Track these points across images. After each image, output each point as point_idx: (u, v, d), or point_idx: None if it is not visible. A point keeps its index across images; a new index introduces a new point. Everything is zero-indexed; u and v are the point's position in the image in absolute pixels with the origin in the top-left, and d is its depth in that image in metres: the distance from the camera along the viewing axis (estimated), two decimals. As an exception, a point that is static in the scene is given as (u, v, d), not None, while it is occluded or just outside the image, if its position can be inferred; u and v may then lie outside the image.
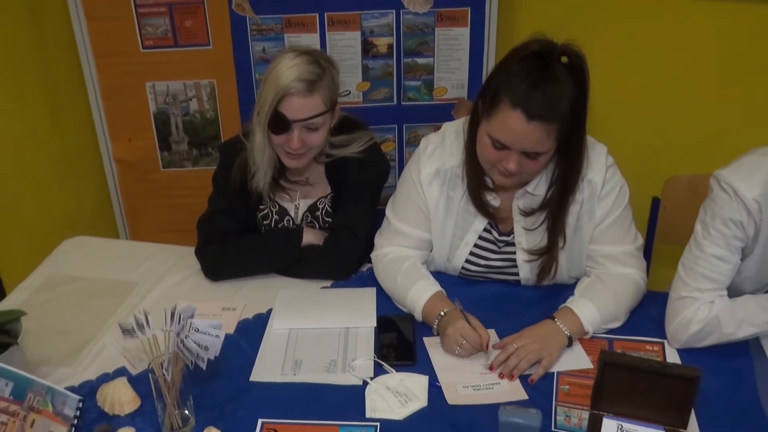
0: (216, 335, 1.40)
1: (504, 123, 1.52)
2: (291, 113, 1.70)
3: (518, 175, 1.59)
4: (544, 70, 1.50)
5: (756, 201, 1.54)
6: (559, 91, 1.50)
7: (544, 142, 1.52)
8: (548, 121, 1.49)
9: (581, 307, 1.65)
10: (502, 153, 1.56)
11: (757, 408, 1.48)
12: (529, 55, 1.52)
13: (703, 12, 2.39)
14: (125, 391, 1.49)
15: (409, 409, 1.48)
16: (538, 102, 1.47)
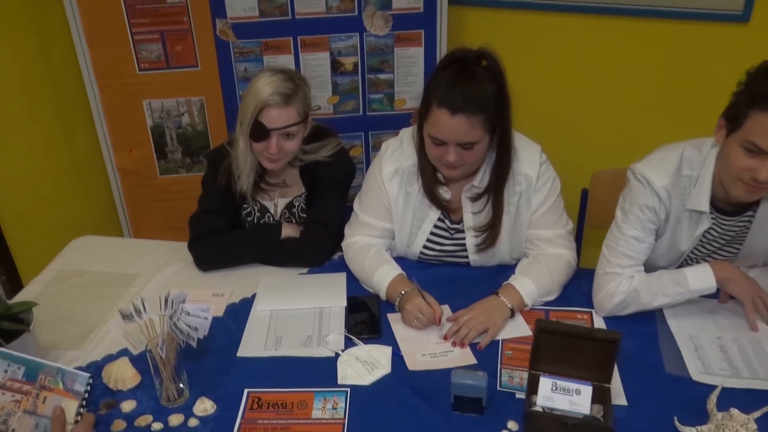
0: (205, 317, 1.39)
1: (435, 121, 1.53)
2: (270, 122, 1.69)
3: (461, 167, 1.60)
4: (463, 72, 1.53)
5: (665, 189, 1.56)
6: (477, 88, 1.51)
7: (471, 133, 1.53)
8: (471, 113, 1.50)
9: (521, 284, 1.65)
10: (442, 148, 1.57)
11: (661, 363, 1.51)
12: (450, 63, 1.56)
13: (617, 29, 2.41)
14: (127, 369, 1.47)
15: (375, 375, 1.47)
16: (458, 98, 1.49)
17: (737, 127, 1.41)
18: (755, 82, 1.38)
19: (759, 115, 1.36)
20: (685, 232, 1.62)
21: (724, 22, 2.28)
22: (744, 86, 1.42)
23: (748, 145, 1.39)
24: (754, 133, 1.37)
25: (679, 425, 1.33)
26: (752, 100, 1.36)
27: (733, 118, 1.41)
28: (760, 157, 1.38)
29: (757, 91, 1.36)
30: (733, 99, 1.43)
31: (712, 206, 1.57)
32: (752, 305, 1.56)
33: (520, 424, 1.34)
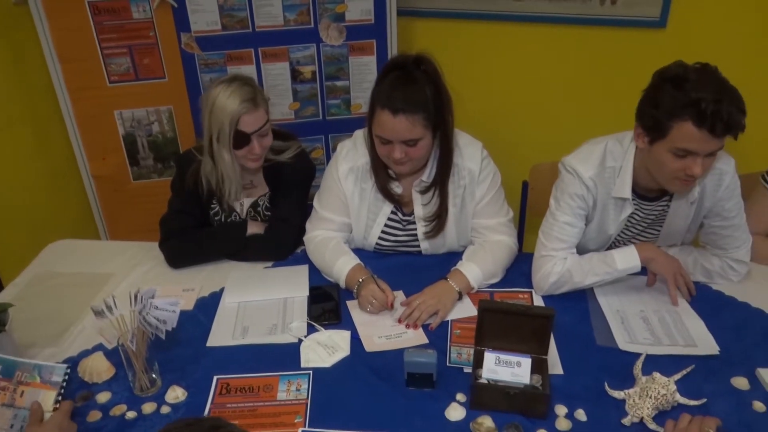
0: (173, 311, 1.37)
1: (380, 122, 1.54)
2: (248, 128, 1.68)
3: (409, 162, 1.61)
4: (403, 76, 1.54)
5: (591, 179, 1.60)
6: (416, 90, 1.53)
7: (413, 131, 1.54)
8: (411, 113, 1.51)
9: (468, 269, 1.67)
10: (388, 147, 1.58)
11: (592, 335, 1.54)
12: (391, 69, 1.57)
13: (549, 36, 2.45)
14: (101, 363, 1.44)
15: (336, 357, 1.47)
16: (399, 100, 1.51)
17: (662, 137, 1.44)
18: (668, 96, 1.40)
19: (681, 125, 1.39)
20: (612, 217, 1.66)
21: (644, 28, 2.33)
22: (654, 98, 1.44)
23: (677, 151, 1.43)
24: (681, 141, 1.41)
25: (609, 390, 1.37)
26: (671, 113, 1.40)
27: (655, 129, 1.44)
28: (690, 157, 1.43)
29: (673, 104, 1.39)
30: (649, 110, 1.45)
31: (633, 193, 1.61)
32: (674, 281, 1.60)
33: (467, 396, 1.36)
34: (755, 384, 1.38)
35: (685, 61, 1.45)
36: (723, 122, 1.35)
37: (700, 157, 1.41)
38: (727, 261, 1.66)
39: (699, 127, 1.36)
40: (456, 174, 1.70)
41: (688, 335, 1.51)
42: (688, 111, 1.37)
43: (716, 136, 1.37)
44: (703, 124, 1.35)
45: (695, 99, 1.35)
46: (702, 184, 1.57)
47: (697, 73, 1.40)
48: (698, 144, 1.39)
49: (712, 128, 1.35)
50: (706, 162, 1.43)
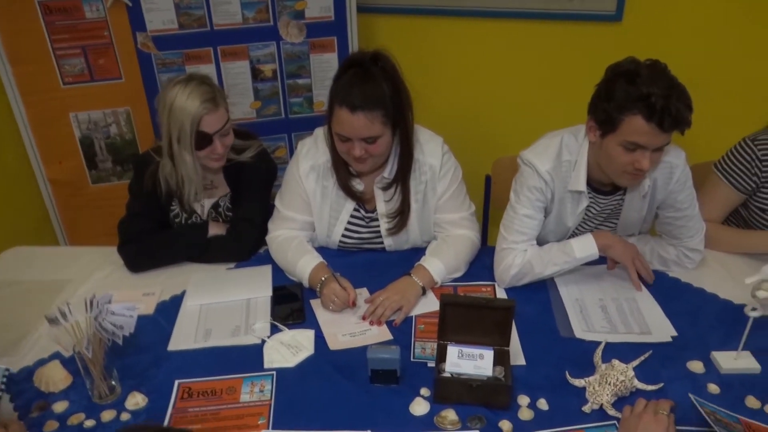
0: (130, 315, 1.34)
1: (338, 120, 1.54)
2: (210, 128, 1.66)
3: (369, 159, 1.61)
4: (360, 73, 1.54)
5: (548, 173, 1.62)
6: (374, 87, 1.53)
7: (372, 128, 1.54)
8: (369, 110, 1.51)
9: (431, 264, 1.68)
10: (348, 144, 1.57)
11: (554, 325, 1.56)
12: (349, 66, 1.57)
13: (509, 31, 2.48)
14: (58, 371, 1.40)
15: (299, 357, 1.47)
16: (357, 96, 1.51)
17: (613, 130, 1.47)
18: (620, 90, 1.43)
19: (630, 119, 1.43)
20: (569, 210, 1.68)
21: (600, 22, 2.37)
22: (607, 91, 1.47)
23: (626, 144, 1.46)
24: (631, 134, 1.44)
25: (570, 378, 1.39)
26: (622, 107, 1.43)
27: (607, 122, 1.47)
28: (639, 151, 1.46)
29: (625, 98, 1.42)
30: (601, 104, 1.48)
31: (589, 187, 1.64)
32: (633, 267, 1.64)
33: (431, 390, 1.36)
34: (710, 367, 1.42)
35: (637, 57, 1.48)
36: (671, 117, 1.38)
37: (648, 151, 1.45)
38: (682, 249, 1.70)
39: (648, 121, 1.39)
40: (417, 170, 1.70)
41: (644, 323, 1.54)
42: (638, 105, 1.40)
43: (664, 130, 1.40)
44: (652, 119, 1.39)
45: (646, 94, 1.39)
46: (653, 177, 1.60)
47: (648, 69, 1.43)
48: (647, 138, 1.42)
49: (660, 123, 1.39)
50: (654, 156, 1.47)
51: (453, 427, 1.28)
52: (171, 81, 1.68)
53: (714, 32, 2.34)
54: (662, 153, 1.51)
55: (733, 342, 1.44)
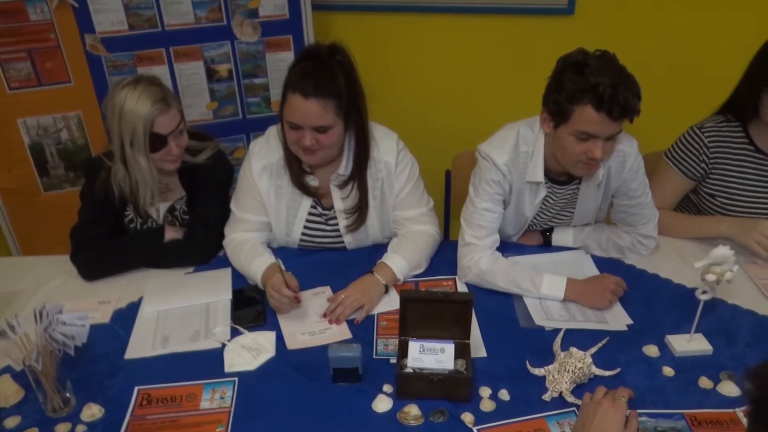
0: (82, 325, 1.31)
1: (291, 106, 1.53)
2: (164, 129, 1.62)
3: (319, 151, 1.59)
4: (316, 64, 1.53)
5: (506, 165, 1.63)
6: (329, 76, 1.52)
7: (324, 116, 1.53)
8: (323, 98, 1.51)
9: (392, 261, 1.68)
10: (298, 133, 1.56)
11: (515, 316, 1.58)
12: (304, 58, 1.56)
13: (465, 26, 2.50)
14: (8, 386, 1.36)
15: (260, 360, 1.45)
16: (310, 84, 1.50)
17: (565, 121, 1.49)
18: (570, 81, 1.46)
19: (582, 109, 1.45)
20: (528, 200, 1.70)
21: (553, 15, 2.41)
22: (558, 83, 1.49)
23: (578, 135, 1.49)
24: (582, 124, 1.47)
25: (530, 368, 1.41)
26: (573, 97, 1.45)
27: (559, 113, 1.50)
28: (591, 140, 1.48)
29: (574, 88, 1.44)
30: (553, 95, 1.50)
31: (546, 177, 1.66)
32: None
33: (394, 386, 1.36)
34: (665, 350, 1.46)
35: (586, 49, 1.50)
36: (620, 106, 1.41)
37: (600, 140, 1.47)
38: (636, 237, 1.74)
39: (598, 110, 1.42)
40: (373, 167, 1.70)
41: (599, 313, 1.57)
42: (587, 95, 1.42)
43: (614, 119, 1.43)
44: (602, 108, 1.41)
45: (594, 83, 1.41)
46: (607, 166, 1.63)
47: (596, 60, 1.46)
48: (598, 127, 1.45)
49: (609, 111, 1.41)
50: (606, 145, 1.49)
51: (416, 422, 1.29)
52: (118, 84, 1.63)
53: (663, 23, 2.40)
54: (615, 142, 1.54)
55: (686, 325, 1.48)
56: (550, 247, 1.82)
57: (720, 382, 1.36)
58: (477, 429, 1.27)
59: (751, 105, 1.70)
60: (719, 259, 1.35)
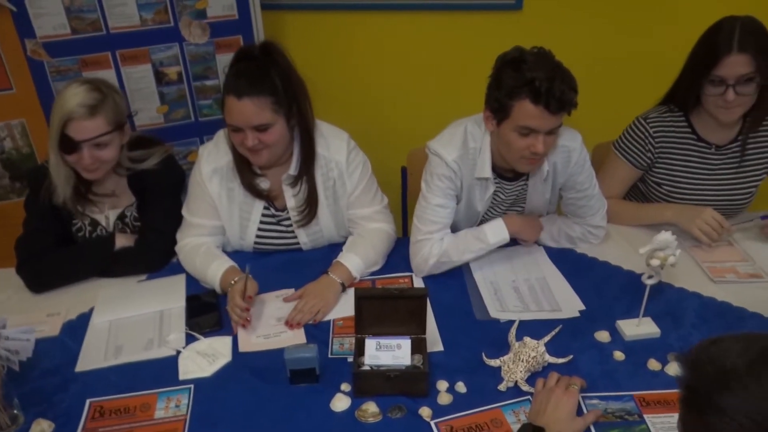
0: (27, 339, 1.28)
1: (228, 109, 1.53)
2: (77, 134, 1.57)
3: (265, 151, 1.58)
4: (250, 64, 1.53)
5: (455, 162, 1.65)
6: (262, 74, 1.52)
7: (261, 114, 1.52)
8: (256, 96, 1.50)
9: (348, 260, 1.68)
10: (241, 135, 1.56)
11: (470, 309, 1.60)
12: (237, 59, 1.56)
13: (417, 23, 2.51)
14: (-49, 406, 1.31)
15: (216, 365, 1.44)
16: (243, 83, 1.50)
17: (506, 117, 1.52)
18: (508, 78, 1.49)
19: (520, 104, 1.48)
20: (478, 196, 1.73)
21: (502, 11, 2.44)
22: (497, 80, 1.52)
23: (520, 130, 1.51)
24: (522, 119, 1.50)
25: (486, 359, 1.43)
26: (511, 93, 1.48)
27: (500, 110, 1.53)
28: (532, 135, 1.52)
29: (512, 84, 1.47)
30: (493, 93, 1.53)
31: (495, 173, 1.69)
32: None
33: (352, 385, 1.37)
34: (615, 336, 1.50)
35: (522, 46, 1.53)
36: (556, 99, 1.44)
37: (541, 134, 1.51)
38: (586, 227, 1.79)
39: (536, 104, 1.45)
40: (324, 166, 1.70)
41: (553, 300, 1.61)
42: (524, 90, 1.45)
43: (552, 112, 1.46)
44: (539, 101, 1.44)
45: (530, 78, 1.44)
46: (552, 161, 1.67)
47: (533, 56, 1.49)
48: (537, 121, 1.48)
49: (547, 105, 1.45)
50: (547, 140, 1.53)
51: (374, 419, 1.29)
52: (75, 79, 1.60)
53: (610, 17, 2.46)
54: (556, 136, 1.57)
55: (636, 310, 1.52)
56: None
57: (668, 363, 1.41)
58: (434, 422, 1.28)
59: (692, 95, 1.75)
60: (662, 245, 1.40)
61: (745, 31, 1.62)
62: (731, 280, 1.66)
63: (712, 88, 1.67)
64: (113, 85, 1.69)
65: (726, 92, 1.64)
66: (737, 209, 1.89)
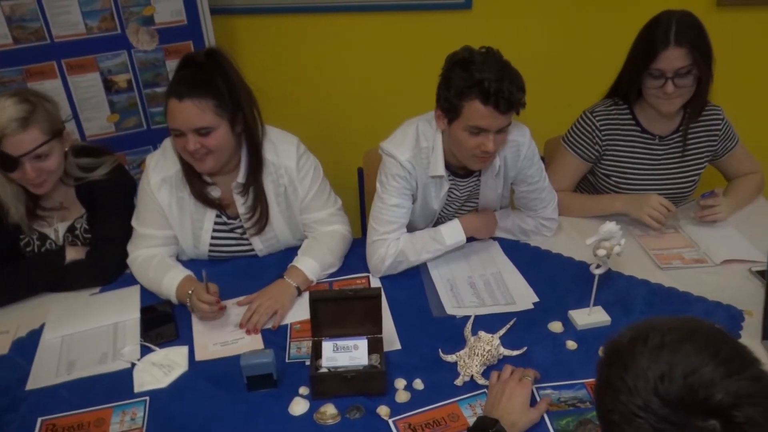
0: (-29, 360, 1.23)
1: (169, 113, 1.52)
2: (14, 150, 1.53)
3: (209, 156, 1.57)
4: (192, 70, 1.53)
5: (409, 161, 1.67)
6: (205, 77, 1.52)
7: (203, 117, 1.51)
8: (198, 98, 1.49)
9: (303, 263, 1.68)
10: (183, 139, 1.54)
11: (427, 306, 1.62)
12: (182, 66, 1.56)
13: (368, 24, 2.51)
14: None
15: (172, 376, 1.42)
16: (183, 85, 1.50)
17: (457, 117, 1.54)
18: (457, 78, 1.51)
19: (470, 104, 1.50)
20: (433, 194, 1.75)
21: (452, 11, 2.47)
22: (446, 80, 1.54)
23: (470, 129, 1.54)
24: (472, 118, 1.52)
25: (442, 355, 1.45)
26: (461, 93, 1.50)
27: (450, 110, 1.55)
28: (483, 134, 1.54)
29: (462, 85, 1.50)
30: (443, 93, 1.55)
31: (448, 171, 1.71)
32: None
33: (309, 388, 1.37)
34: (568, 326, 1.53)
35: (471, 46, 1.56)
36: (505, 99, 1.47)
37: (491, 133, 1.53)
38: (539, 220, 1.82)
39: (485, 104, 1.48)
40: (274, 173, 1.69)
41: (508, 294, 1.63)
42: (474, 90, 1.48)
43: (501, 112, 1.49)
44: (489, 102, 1.47)
45: (479, 79, 1.47)
46: (503, 156, 1.70)
47: (481, 56, 1.51)
48: (487, 121, 1.50)
49: (496, 105, 1.47)
50: (498, 138, 1.56)
51: (333, 421, 1.30)
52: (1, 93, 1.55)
53: (558, 14, 2.51)
54: (506, 134, 1.60)
55: (587, 300, 1.55)
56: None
57: (618, 350, 1.44)
58: (392, 421, 1.29)
59: (634, 88, 1.80)
60: (607, 235, 1.44)
61: (681, 25, 1.67)
62: (677, 266, 1.72)
63: (651, 80, 1.72)
64: (42, 92, 1.64)
65: (665, 84, 1.69)
66: (682, 197, 1.95)
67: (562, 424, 1.26)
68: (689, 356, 0.71)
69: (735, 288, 1.62)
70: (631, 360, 0.74)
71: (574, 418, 1.27)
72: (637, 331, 0.77)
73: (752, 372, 0.71)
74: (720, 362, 0.70)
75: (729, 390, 0.68)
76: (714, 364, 0.69)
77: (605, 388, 0.77)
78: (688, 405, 0.69)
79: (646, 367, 0.72)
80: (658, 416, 0.70)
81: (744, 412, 0.67)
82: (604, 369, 0.79)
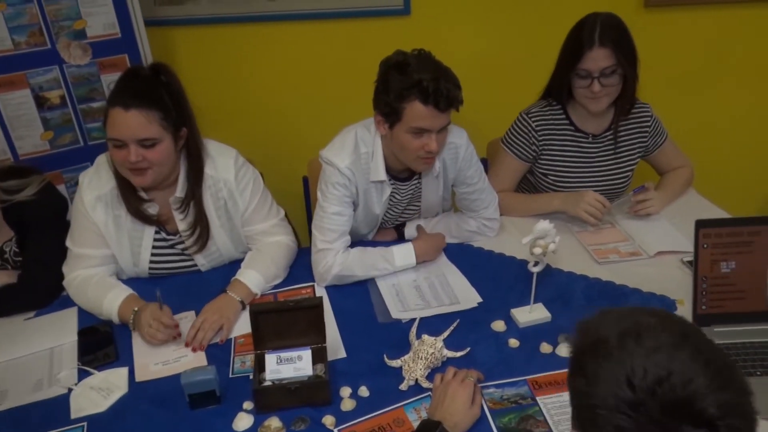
0: None
1: (112, 122, 1.49)
2: None
3: (149, 170, 1.54)
4: (137, 81, 1.51)
5: (348, 168, 1.67)
6: (151, 89, 1.50)
7: (149, 128, 1.49)
8: (145, 109, 1.47)
9: (246, 276, 1.66)
10: (124, 151, 1.50)
11: (373, 313, 1.62)
12: (123, 77, 1.54)
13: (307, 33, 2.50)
14: None
15: (111, 399, 1.38)
16: (127, 96, 1.47)
17: (398, 120, 1.55)
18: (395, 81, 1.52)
19: (410, 106, 1.52)
20: (375, 199, 1.75)
21: (391, 17, 2.49)
22: (384, 85, 1.55)
23: (413, 131, 1.55)
24: (414, 120, 1.54)
25: (387, 361, 1.45)
26: (401, 96, 1.52)
27: (391, 114, 1.56)
28: (425, 135, 1.56)
29: (400, 87, 1.51)
30: (382, 97, 1.56)
31: (388, 175, 1.72)
32: None
33: (253, 402, 1.35)
34: (510, 324, 1.56)
35: (404, 50, 1.57)
36: (444, 97, 1.49)
37: (433, 133, 1.55)
38: (480, 221, 1.85)
39: (425, 104, 1.50)
40: (212, 186, 1.66)
41: (452, 294, 1.65)
42: (413, 91, 1.49)
43: (441, 110, 1.51)
44: (428, 101, 1.49)
45: (417, 80, 1.49)
46: (442, 158, 1.72)
47: (415, 59, 1.53)
48: (429, 121, 1.52)
49: (436, 104, 1.49)
50: (439, 137, 1.58)
51: (278, 434, 1.29)
52: None
53: (495, 18, 2.56)
54: (447, 133, 1.63)
55: (528, 297, 1.58)
56: (404, 240, 1.88)
57: (558, 345, 1.48)
58: (337, 430, 1.29)
59: (564, 88, 1.85)
60: (542, 233, 1.47)
61: (605, 26, 1.73)
62: (614, 260, 1.77)
63: (579, 80, 1.77)
64: None
65: (592, 84, 1.75)
66: (617, 192, 2.01)
67: (505, 421, 1.28)
68: (685, 364, 0.72)
69: (668, 278, 1.68)
70: (627, 356, 0.74)
71: (516, 414, 1.29)
72: (623, 326, 0.77)
73: (738, 383, 0.73)
74: (713, 374, 0.71)
75: (720, 402, 0.69)
76: (709, 377, 0.70)
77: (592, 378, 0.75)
78: (683, 413, 0.70)
79: (643, 367, 0.72)
80: (650, 418, 0.70)
81: (727, 422, 0.69)
82: (587, 359, 0.78)
